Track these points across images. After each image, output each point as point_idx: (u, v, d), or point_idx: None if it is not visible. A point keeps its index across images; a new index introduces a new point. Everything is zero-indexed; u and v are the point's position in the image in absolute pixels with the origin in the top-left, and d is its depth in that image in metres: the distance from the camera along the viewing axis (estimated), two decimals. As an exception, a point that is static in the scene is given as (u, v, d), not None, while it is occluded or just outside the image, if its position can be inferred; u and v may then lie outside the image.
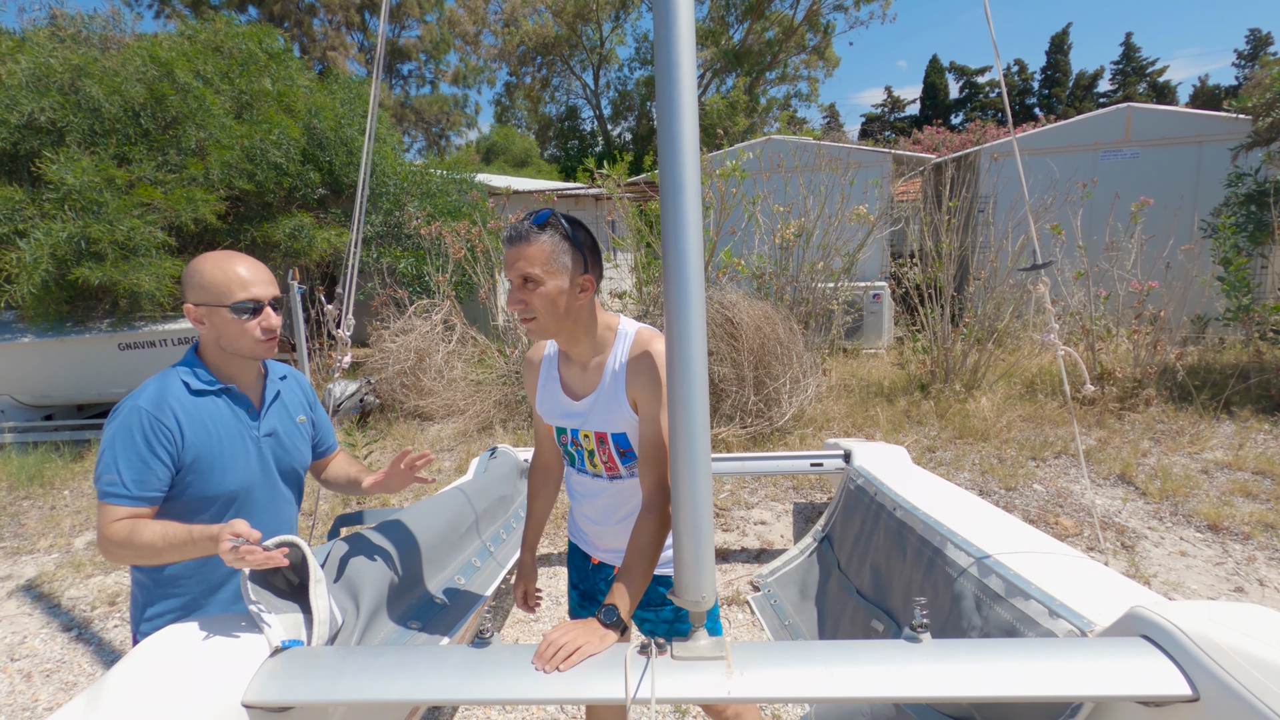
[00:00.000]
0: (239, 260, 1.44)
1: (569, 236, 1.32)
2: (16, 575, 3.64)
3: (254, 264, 1.46)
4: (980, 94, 42.50)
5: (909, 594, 2.06)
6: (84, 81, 5.99)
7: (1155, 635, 1.13)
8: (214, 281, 1.40)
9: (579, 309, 1.37)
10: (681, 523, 1.15)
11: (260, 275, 1.45)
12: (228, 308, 1.40)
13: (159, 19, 22.65)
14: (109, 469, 1.34)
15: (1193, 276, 5.80)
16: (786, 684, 1.10)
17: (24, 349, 5.81)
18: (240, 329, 1.42)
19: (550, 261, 1.30)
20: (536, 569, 1.77)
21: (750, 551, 3.59)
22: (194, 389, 1.42)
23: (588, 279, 1.35)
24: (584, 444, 1.50)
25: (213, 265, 1.41)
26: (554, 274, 1.31)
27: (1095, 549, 3.35)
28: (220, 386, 1.46)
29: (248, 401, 1.51)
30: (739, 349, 5.28)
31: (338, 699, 1.12)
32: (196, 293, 1.41)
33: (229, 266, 1.42)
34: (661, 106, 1.05)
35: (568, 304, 1.34)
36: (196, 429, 1.40)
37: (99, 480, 1.35)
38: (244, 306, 1.41)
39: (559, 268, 1.31)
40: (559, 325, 1.37)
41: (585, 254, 1.34)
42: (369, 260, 7.70)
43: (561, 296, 1.33)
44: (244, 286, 1.41)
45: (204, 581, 1.47)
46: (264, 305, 1.44)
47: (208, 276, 1.40)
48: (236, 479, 1.45)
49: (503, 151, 31.40)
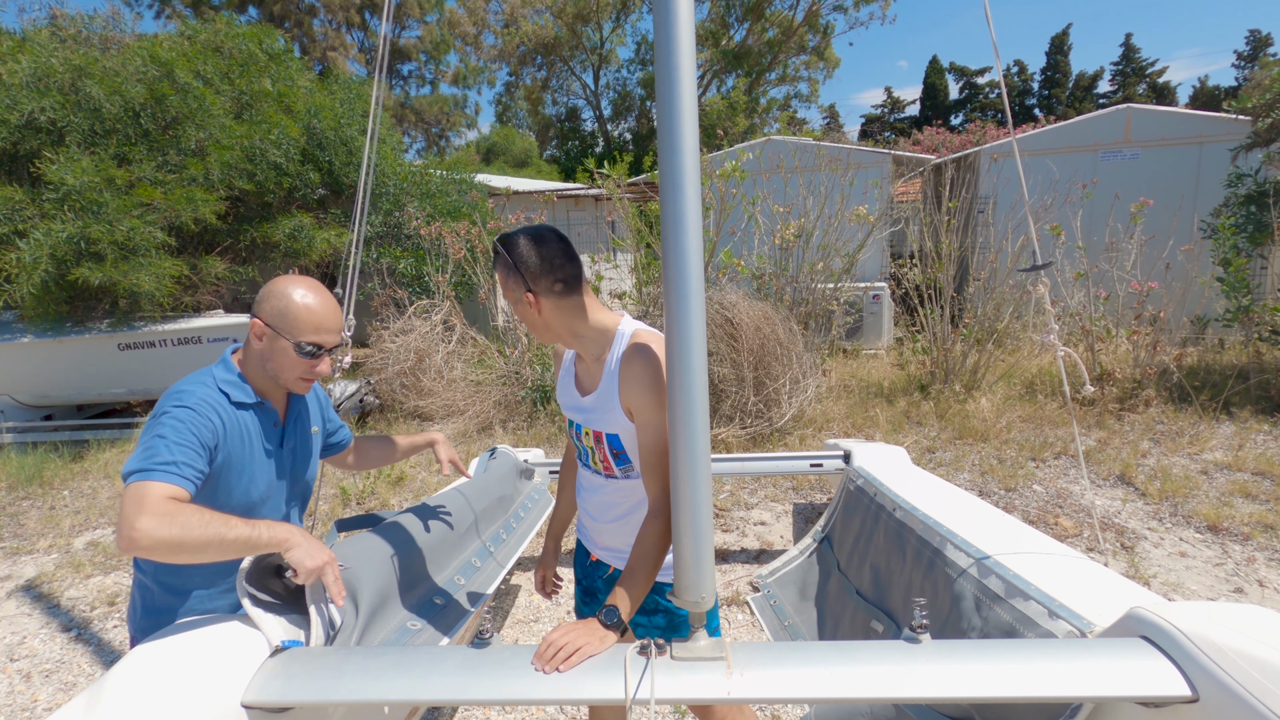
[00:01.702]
0: (326, 303, 1.43)
1: (506, 261, 1.37)
2: (16, 575, 3.64)
3: (334, 309, 1.46)
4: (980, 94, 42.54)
5: (909, 594, 2.06)
6: (84, 81, 5.99)
7: (1155, 636, 1.13)
8: (295, 314, 1.39)
9: (546, 320, 1.40)
10: (681, 523, 1.15)
11: (334, 323, 1.45)
12: (293, 343, 1.40)
13: (159, 19, 22.69)
14: (158, 449, 1.25)
15: (1192, 277, 5.80)
16: (786, 684, 1.10)
17: (24, 349, 5.81)
18: (293, 364, 1.42)
19: (506, 288, 1.39)
20: (558, 556, 1.83)
21: (750, 552, 3.59)
22: (234, 400, 1.42)
23: (529, 297, 1.37)
24: (585, 441, 1.52)
25: (300, 297, 1.40)
26: (512, 297, 1.39)
27: (1095, 550, 3.35)
28: (258, 401, 1.47)
29: (275, 416, 1.52)
30: (739, 349, 5.28)
31: (338, 699, 1.12)
32: (271, 314, 1.40)
33: (314, 306, 1.41)
34: (661, 107, 1.05)
35: (531, 319, 1.40)
36: (233, 438, 1.40)
37: (146, 459, 1.23)
38: (307, 349, 1.41)
39: (510, 290, 1.39)
40: (546, 334, 1.43)
41: (522, 274, 1.35)
42: (369, 260, 7.70)
43: (525, 314, 1.40)
44: (317, 330, 1.41)
45: (204, 583, 1.47)
46: (324, 352, 1.45)
47: (290, 305, 1.39)
48: (257, 490, 1.46)
49: (503, 152, 31.41)
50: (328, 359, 1.46)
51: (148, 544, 1.14)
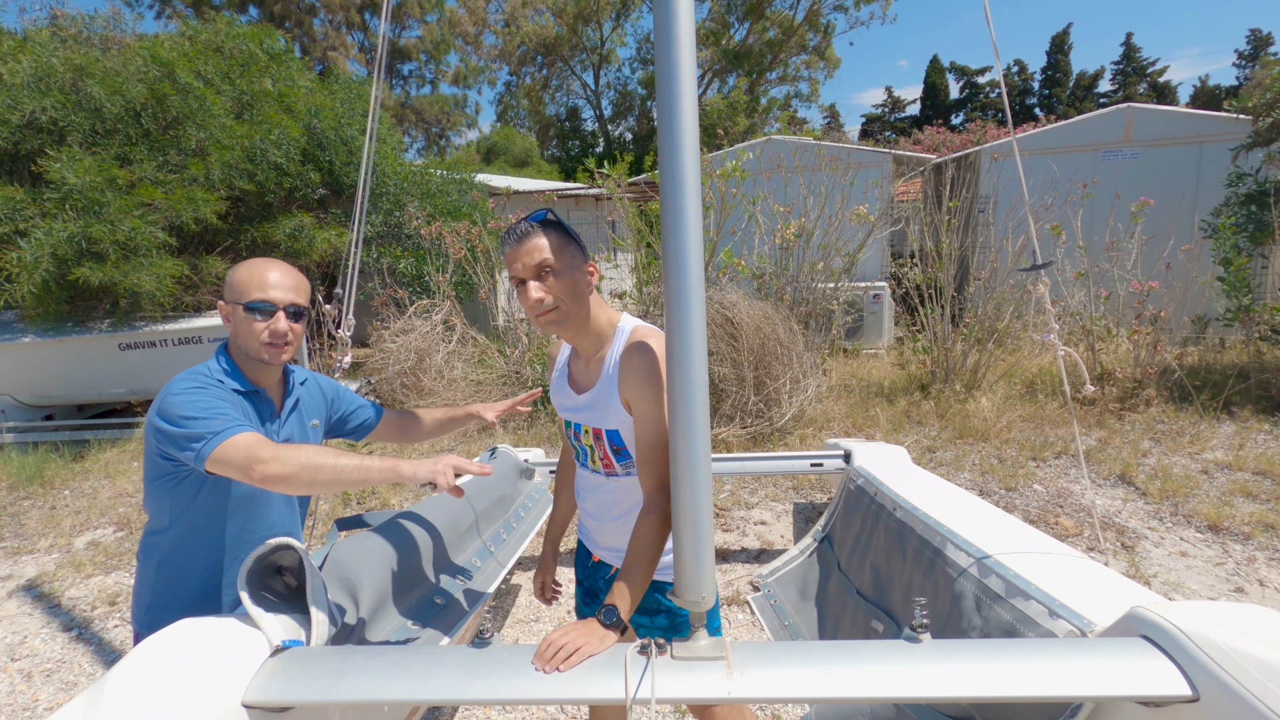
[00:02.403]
0: (270, 265, 1.47)
1: (567, 230, 1.41)
2: (17, 575, 3.64)
3: (284, 271, 1.48)
4: (981, 94, 42.51)
5: (909, 594, 2.06)
6: (85, 81, 5.99)
7: (1155, 635, 1.13)
8: (238, 280, 1.44)
9: (589, 298, 1.42)
10: (681, 523, 1.15)
11: (283, 281, 1.46)
12: (243, 305, 1.43)
13: (160, 19, 22.68)
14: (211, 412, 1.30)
15: (1193, 277, 5.80)
16: (786, 684, 1.10)
17: (24, 349, 5.82)
18: (249, 328, 1.43)
19: (563, 250, 1.37)
20: (556, 562, 1.82)
21: (750, 551, 3.59)
22: (231, 389, 1.44)
23: (592, 265, 1.43)
24: (585, 440, 1.52)
25: (244, 265, 1.46)
26: (566, 262, 1.36)
27: (1095, 549, 3.35)
28: (252, 389, 1.48)
29: (272, 405, 1.53)
30: (739, 349, 5.28)
31: (338, 699, 1.12)
32: (226, 290, 1.46)
33: (256, 267, 1.46)
34: (662, 107, 1.05)
35: (584, 290, 1.40)
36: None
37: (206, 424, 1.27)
38: (257, 306, 1.42)
39: (569, 256, 1.37)
40: (579, 312, 1.41)
41: (582, 246, 1.42)
42: (369, 260, 7.70)
43: (578, 283, 1.38)
44: (262, 288, 1.43)
45: (206, 582, 1.47)
46: (277, 309, 1.44)
47: (236, 275, 1.45)
48: None
49: (503, 151, 31.40)
50: (282, 316, 1.45)
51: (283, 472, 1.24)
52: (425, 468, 1.33)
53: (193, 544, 1.44)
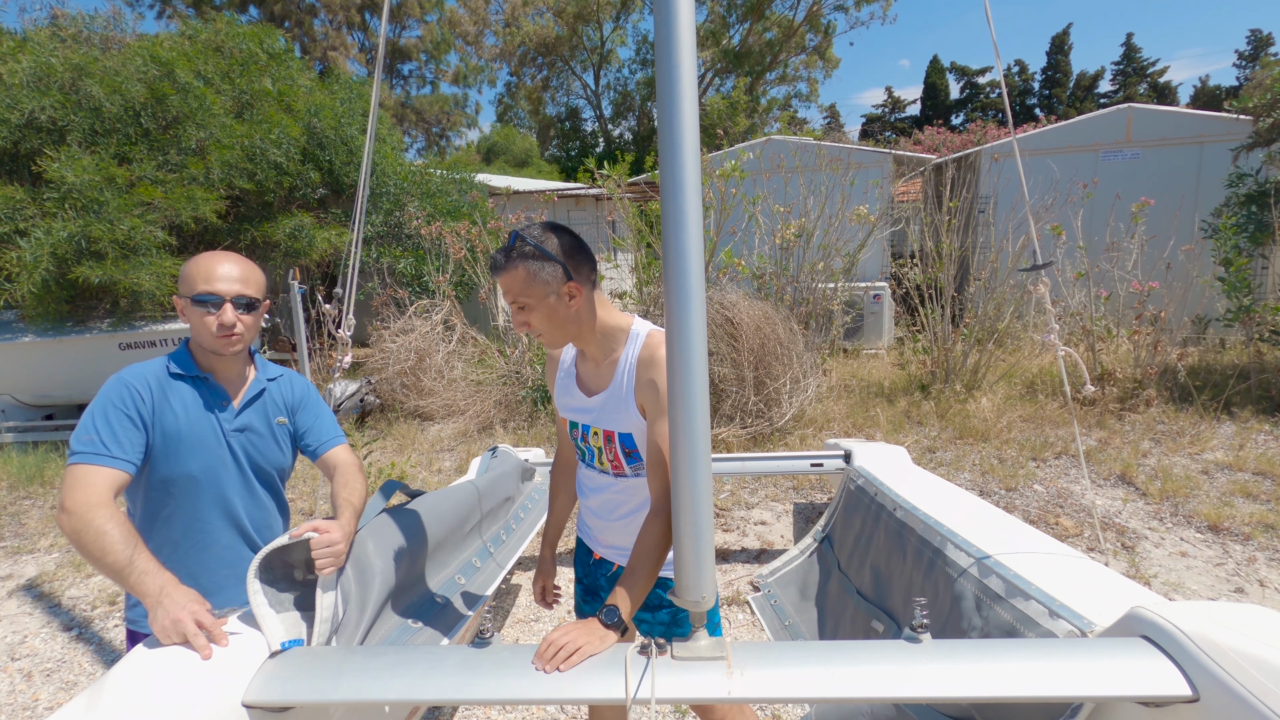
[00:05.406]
0: (218, 257, 1.48)
1: (540, 253, 1.32)
2: (17, 575, 3.64)
3: (234, 263, 1.49)
4: (981, 94, 42.49)
5: (909, 594, 2.06)
6: (85, 81, 5.99)
7: (1155, 636, 1.13)
8: (187, 273, 1.46)
9: (578, 314, 1.39)
10: (681, 523, 1.15)
11: (230, 273, 1.47)
12: (189, 299, 1.45)
13: (160, 19, 22.69)
14: (86, 430, 1.35)
15: (1193, 277, 5.80)
16: (786, 684, 1.10)
17: (24, 348, 5.81)
18: (199, 321, 1.45)
19: (529, 284, 1.32)
20: (556, 566, 1.81)
21: (750, 551, 3.59)
22: (172, 372, 1.49)
23: (572, 286, 1.34)
24: (593, 441, 1.52)
25: (195, 259, 1.48)
26: (537, 294, 1.33)
27: (1095, 549, 3.35)
28: (197, 374, 1.50)
29: (224, 394, 1.54)
30: (739, 349, 5.28)
31: (338, 699, 1.12)
32: (179, 284, 1.48)
33: (204, 261, 1.47)
34: (662, 107, 1.05)
35: (563, 315, 1.37)
36: (162, 404, 1.45)
37: (74, 442, 1.34)
38: (203, 299, 1.44)
39: (539, 286, 1.33)
40: (565, 334, 1.41)
41: (563, 262, 1.32)
42: (369, 260, 7.70)
43: (553, 312, 1.35)
44: (208, 280, 1.44)
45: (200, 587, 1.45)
46: (224, 301, 1.45)
47: (185, 268, 1.48)
48: (198, 463, 1.48)
49: (503, 152, 31.40)
50: (230, 308, 1.45)
51: (67, 530, 1.27)
52: (165, 620, 1.18)
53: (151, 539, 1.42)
